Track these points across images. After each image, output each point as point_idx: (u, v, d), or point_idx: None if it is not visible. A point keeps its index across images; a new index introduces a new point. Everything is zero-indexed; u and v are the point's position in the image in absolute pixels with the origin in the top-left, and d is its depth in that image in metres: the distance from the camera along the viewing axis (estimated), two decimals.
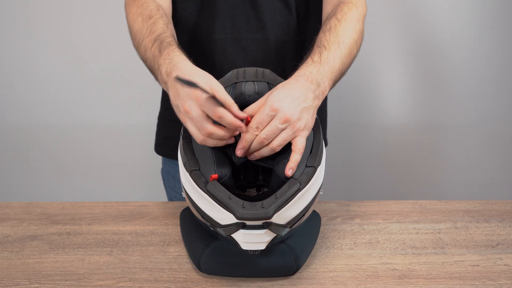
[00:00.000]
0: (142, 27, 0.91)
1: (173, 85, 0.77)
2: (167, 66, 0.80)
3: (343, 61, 0.88)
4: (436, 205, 1.02)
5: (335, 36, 0.90)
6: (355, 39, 0.93)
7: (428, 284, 0.80)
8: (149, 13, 0.92)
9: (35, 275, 0.83)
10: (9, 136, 1.88)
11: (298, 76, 0.80)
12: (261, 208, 0.70)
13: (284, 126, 0.75)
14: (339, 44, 0.89)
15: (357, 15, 0.97)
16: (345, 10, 0.96)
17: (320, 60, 0.84)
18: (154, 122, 1.24)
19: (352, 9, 0.97)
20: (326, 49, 0.87)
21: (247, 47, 1.06)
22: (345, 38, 0.91)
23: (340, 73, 0.88)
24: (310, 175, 0.75)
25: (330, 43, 0.88)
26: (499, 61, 1.74)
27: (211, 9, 1.05)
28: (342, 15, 0.95)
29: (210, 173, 0.75)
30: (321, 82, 0.82)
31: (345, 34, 0.91)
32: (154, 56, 0.84)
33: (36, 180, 1.94)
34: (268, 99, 0.76)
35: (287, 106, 0.75)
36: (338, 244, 0.90)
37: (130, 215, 1.00)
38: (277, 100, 0.75)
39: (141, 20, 0.92)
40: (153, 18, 0.91)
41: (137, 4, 0.96)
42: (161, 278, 0.82)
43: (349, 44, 0.91)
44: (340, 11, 0.96)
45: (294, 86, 0.78)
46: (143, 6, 0.94)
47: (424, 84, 1.78)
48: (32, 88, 1.81)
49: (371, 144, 1.86)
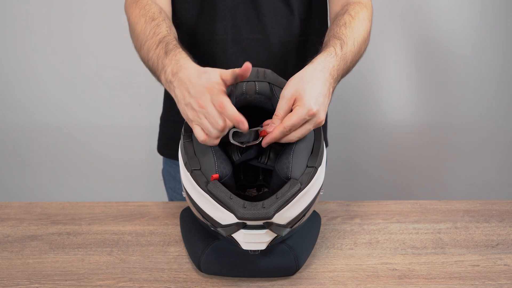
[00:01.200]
0: (145, 28, 0.90)
1: (181, 84, 0.76)
2: (173, 66, 0.80)
3: (353, 59, 0.89)
4: (436, 205, 1.02)
5: (351, 32, 0.90)
6: (365, 39, 0.94)
7: (428, 284, 0.80)
8: (152, 15, 0.92)
9: (35, 275, 0.83)
10: (9, 136, 1.88)
11: (324, 69, 0.80)
12: (262, 208, 0.70)
13: (313, 125, 0.77)
14: (354, 41, 0.89)
15: (367, 15, 0.97)
16: (357, 9, 0.96)
17: (341, 54, 0.84)
18: (154, 122, 1.24)
19: (364, 9, 0.97)
20: (345, 44, 0.86)
21: (248, 47, 1.06)
22: (358, 35, 0.91)
23: (348, 71, 0.89)
24: (311, 176, 0.75)
25: (347, 38, 0.88)
26: (498, 61, 1.74)
27: (211, 10, 1.04)
28: (355, 12, 0.95)
29: (211, 173, 0.75)
30: (338, 77, 0.84)
31: (358, 31, 0.92)
32: (159, 56, 0.84)
33: (36, 180, 1.95)
34: (305, 101, 0.75)
35: (323, 110, 0.76)
36: (338, 244, 0.90)
37: (130, 215, 1.00)
38: (314, 102, 0.75)
39: (144, 21, 0.92)
40: (156, 20, 0.91)
41: (139, 6, 0.96)
42: (161, 278, 0.82)
43: (360, 42, 0.91)
44: (353, 9, 0.96)
45: (321, 82, 0.78)
46: (145, 8, 0.94)
47: (424, 85, 1.78)
48: (32, 88, 1.81)
49: (371, 144, 1.86)
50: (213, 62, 1.06)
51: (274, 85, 0.82)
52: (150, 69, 0.89)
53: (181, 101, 0.77)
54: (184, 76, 0.77)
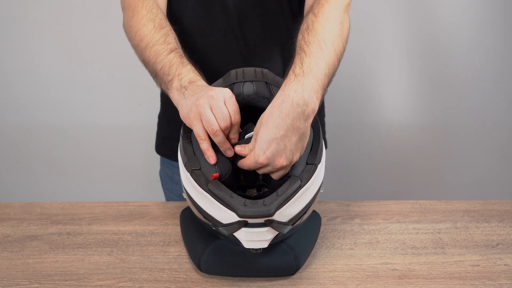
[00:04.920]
0: (154, 34, 0.90)
1: (199, 88, 0.80)
2: (191, 77, 0.83)
3: (328, 63, 0.79)
4: (436, 205, 1.02)
5: (314, 35, 0.81)
6: (338, 33, 0.83)
7: (428, 284, 0.80)
8: (160, 22, 0.92)
9: (35, 275, 0.83)
10: (9, 136, 1.88)
11: (282, 103, 0.72)
12: (263, 206, 0.70)
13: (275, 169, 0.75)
14: (320, 43, 0.79)
15: (336, 5, 0.87)
16: (322, 2, 0.87)
17: (303, 71, 0.75)
18: (154, 122, 1.24)
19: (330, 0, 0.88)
20: (306, 55, 0.77)
21: (246, 50, 1.06)
22: (325, 35, 0.81)
23: (329, 77, 0.79)
24: (310, 173, 0.75)
25: (310, 46, 0.79)
26: (497, 61, 1.74)
27: (207, 12, 1.04)
28: (318, 8, 0.86)
29: (211, 172, 0.75)
30: (309, 99, 0.72)
31: (324, 30, 0.82)
32: (173, 63, 0.85)
33: (36, 180, 1.94)
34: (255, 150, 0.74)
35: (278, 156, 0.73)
36: (338, 244, 0.90)
37: (130, 215, 1.00)
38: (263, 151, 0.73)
39: (152, 26, 0.92)
40: (165, 29, 0.91)
41: (145, 7, 0.95)
42: (161, 278, 0.82)
43: (331, 40, 0.81)
44: (317, 4, 0.87)
45: (280, 122, 0.71)
46: (152, 12, 0.94)
47: (424, 85, 1.78)
48: (32, 88, 1.81)
49: (371, 144, 1.86)
50: (210, 64, 1.05)
51: (272, 85, 0.82)
52: (153, 70, 0.88)
53: (191, 98, 0.79)
54: (204, 85, 0.81)
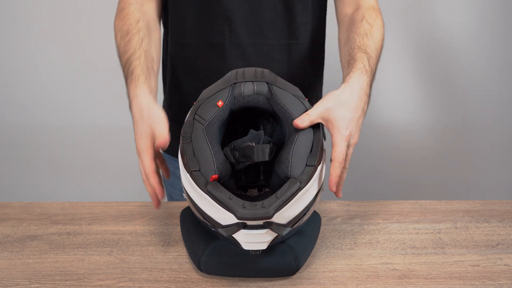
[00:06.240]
0: (120, 44, 0.94)
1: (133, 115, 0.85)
2: (131, 92, 0.87)
3: (376, 70, 0.91)
4: (436, 205, 1.02)
5: (373, 43, 0.92)
6: (381, 47, 0.95)
7: (428, 284, 0.80)
8: (127, 29, 0.94)
9: (35, 275, 0.83)
10: (9, 136, 1.88)
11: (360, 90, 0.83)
12: (262, 208, 0.70)
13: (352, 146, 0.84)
14: (376, 52, 0.91)
15: (382, 23, 0.98)
16: (373, 16, 0.97)
17: (370, 69, 0.86)
18: None
19: (379, 16, 0.98)
20: (371, 57, 0.88)
21: (246, 51, 1.05)
22: (378, 46, 0.93)
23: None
24: (310, 174, 0.75)
25: (371, 50, 0.90)
26: (498, 62, 1.74)
27: (208, 14, 1.04)
28: (372, 20, 0.96)
29: (210, 174, 0.75)
30: (370, 93, 0.86)
31: (378, 40, 0.94)
32: (125, 77, 0.91)
33: (36, 180, 1.95)
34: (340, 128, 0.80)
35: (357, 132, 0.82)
36: (338, 244, 0.90)
37: (130, 215, 1.00)
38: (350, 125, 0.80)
39: (120, 36, 0.95)
40: (129, 35, 0.93)
41: (120, 16, 0.98)
42: (161, 278, 0.82)
43: (379, 52, 0.93)
44: (369, 16, 0.97)
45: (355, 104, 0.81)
46: (123, 20, 0.96)
47: (424, 85, 1.78)
48: (32, 88, 1.81)
49: (371, 144, 1.86)
50: (211, 66, 1.05)
51: (273, 85, 0.82)
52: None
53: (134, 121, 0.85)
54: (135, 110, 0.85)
